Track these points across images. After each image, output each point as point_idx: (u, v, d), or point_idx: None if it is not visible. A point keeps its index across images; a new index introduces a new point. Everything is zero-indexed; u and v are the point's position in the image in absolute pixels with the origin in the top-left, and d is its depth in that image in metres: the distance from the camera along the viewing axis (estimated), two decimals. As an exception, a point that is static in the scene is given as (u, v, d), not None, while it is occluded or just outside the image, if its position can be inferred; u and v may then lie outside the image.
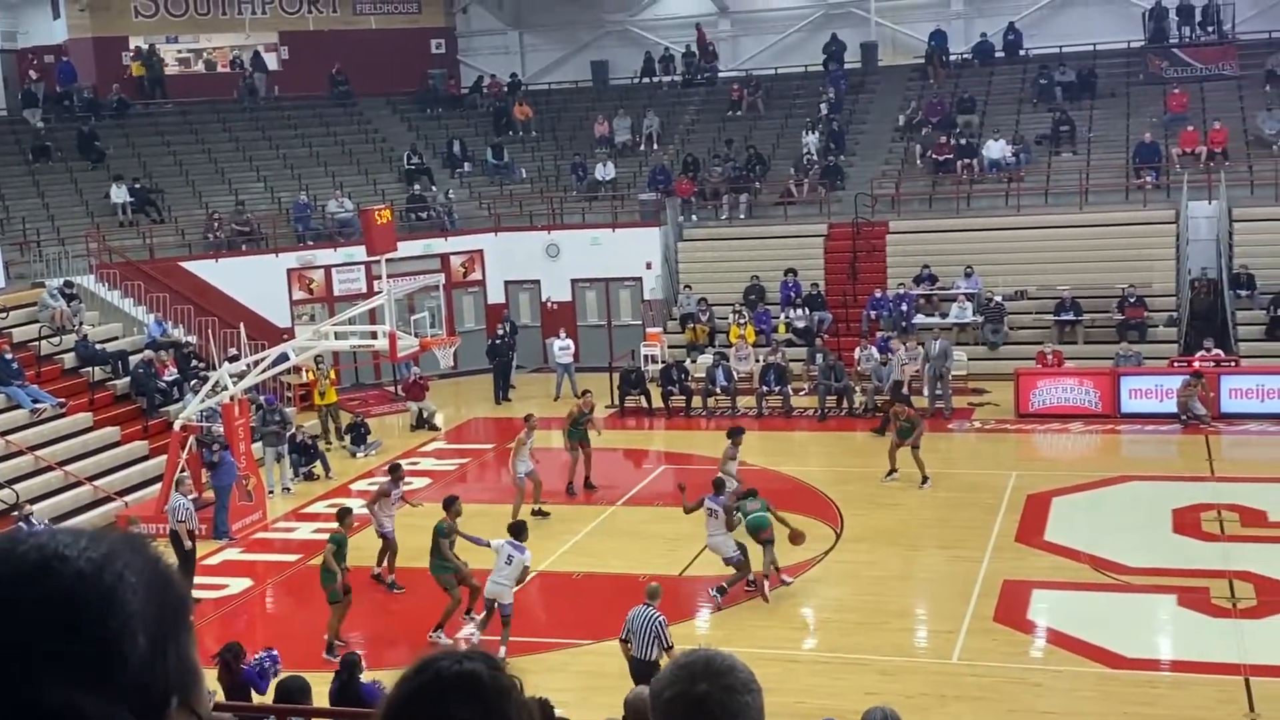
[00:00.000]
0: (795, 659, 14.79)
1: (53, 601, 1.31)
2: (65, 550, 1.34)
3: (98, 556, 1.35)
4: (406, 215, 32.19)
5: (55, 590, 1.31)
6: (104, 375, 25.16)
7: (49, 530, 1.39)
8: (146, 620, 1.34)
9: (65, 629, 1.30)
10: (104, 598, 1.32)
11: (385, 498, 18.27)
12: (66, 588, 1.32)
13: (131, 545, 1.40)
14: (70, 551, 1.34)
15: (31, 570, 1.32)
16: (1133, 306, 27.74)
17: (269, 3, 37.37)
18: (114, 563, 1.35)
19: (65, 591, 1.31)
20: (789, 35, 38.59)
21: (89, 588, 1.32)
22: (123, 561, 1.36)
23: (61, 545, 1.35)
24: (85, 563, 1.34)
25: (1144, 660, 14.58)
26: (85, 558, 1.34)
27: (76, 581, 1.32)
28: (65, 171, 32.30)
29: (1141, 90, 33.60)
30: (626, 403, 27.67)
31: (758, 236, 32.13)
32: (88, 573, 1.33)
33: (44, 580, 1.32)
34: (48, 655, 1.29)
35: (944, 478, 21.73)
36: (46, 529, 1.41)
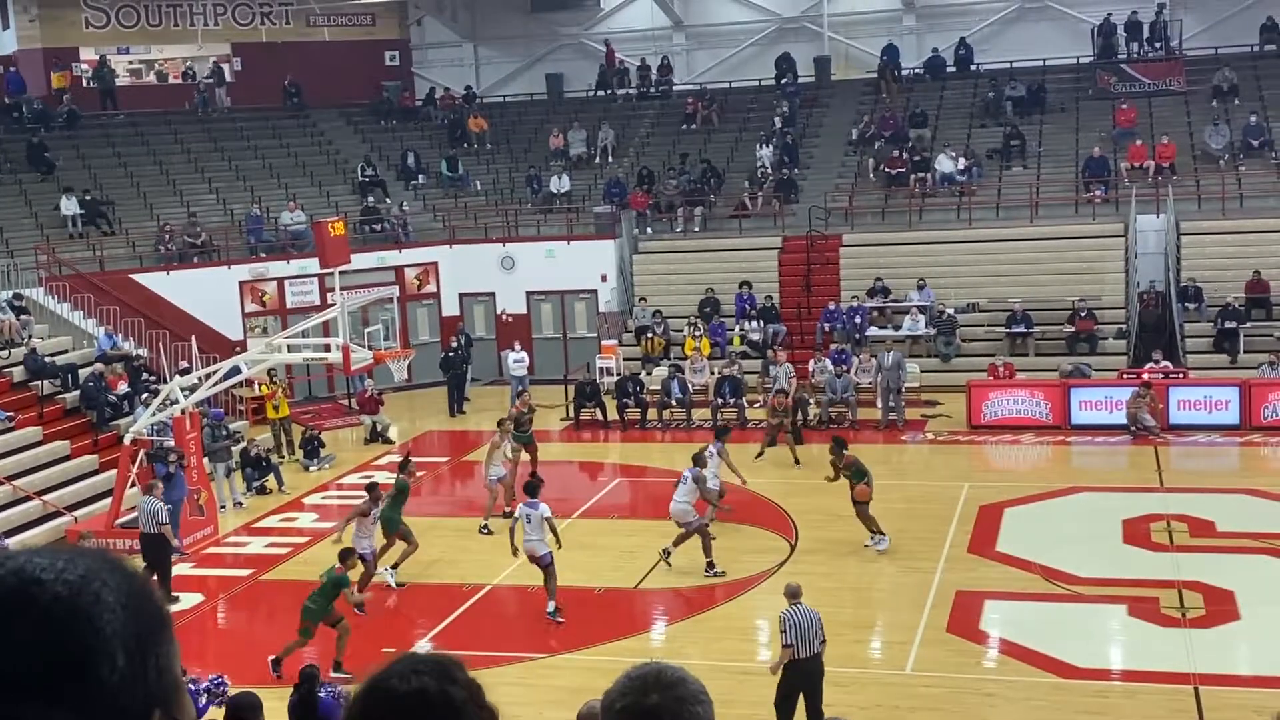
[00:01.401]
0: (749, 671, 14.79)
1: (30, 626, 1.32)
2: (41, 574, 1.36)
3: (74, 579, 1.36)
4: (360, 227, 32.06)
5: (33, 615, 1.33)
6: (53, 389, 24.87)
7: (26, 553, 1.40)
8: (125, 638, 1.36)
9: (43, 652, 1.32)
10: (81, 620, 1.34)
11: (364, 517, 18.07)
12: (44, 612, 1.33)
13: (109, 564, 1.42)
14: (47, 575, 1.36)
15: (8, 595, 1.34)
16: (1083, 319, 28.04)
17: (221, 14, 37.16)
18: (90, 584, 1.37)
19: (44, 614, 1.33)
20: (743, 49, 38.78)
21: (65, 611, 1.34)
22: (99, 581, 1.38)
23: (38, 569, 1.36)
24: (62, 586, 1.35)
25: (1095, 670, 14.71)
26: (62, 580, 1.36)
27: (53, 604, 1.34)
28: (14, 183, 31.94)
29: (1091, 105, 34.01)
30: (582, 415, 27.65)
31: (712, 249, 32.24)
32: (64, 596, 1.35)
33: (21, 605, 1.34)
34: (27, 678, 1.30)
35: (897, 489, 21.84)
36: (24, 551, 1.41)
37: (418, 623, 17.21)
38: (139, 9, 36.33)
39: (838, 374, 26.59)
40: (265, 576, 19.36)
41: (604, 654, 15.47)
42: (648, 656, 14.77)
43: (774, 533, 19.85)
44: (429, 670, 1.74)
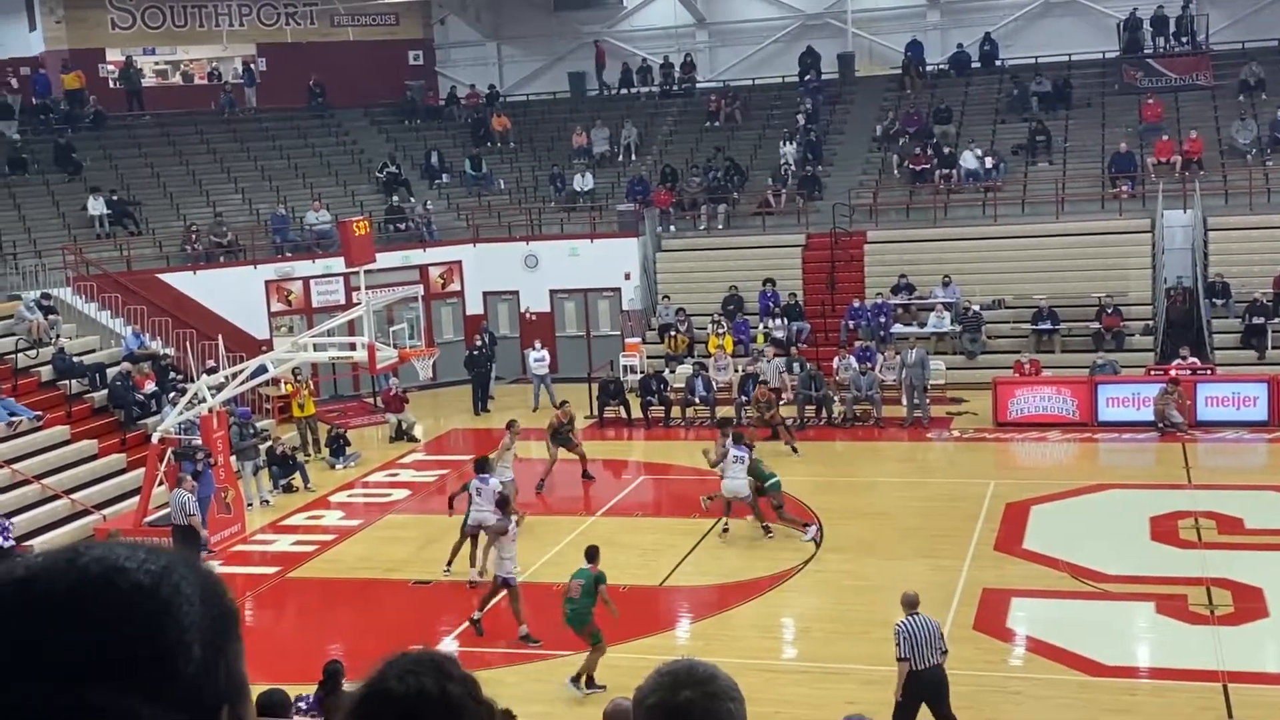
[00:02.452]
0: (775, 669, 14.79)
1: (114, 612, 1.34)
2: (125, 563, 1.38)
3: (156, 569, 1.38)
4: (385, 227, 32.15)
5: (116, 601, 1.35)
6: (81, 388, 25.04)
7: (106, 543, 1.42)
8: (201, 631, 1.38)
9: (125, 639, 1.34)
10: (162, 609, 1.36)
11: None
12: (127, 599, 1.35)
13: (185, 559, 1.44)
14: (130, 564, 1.38)
15: (94, 581, 1.36)
16: (1109, 315, 27.90)
17: (246, 15, 37.32)
18: (171, 575, 1.39)
19: (125, 602, 1.35)
20: (766, 46, 38.72)
21: (148, 599, 1.36)
22: (179, 574, 1.40)
23: (121, 558, 1.38)
24: (144, 575, 1.38)
25: (1122, 668, 14.63)
26: (144, 570, 1.38)
27: (136, 593, 1.36)
28: (42, 184, 32.15)
29: (1116, 100, 33.83)
30: (605, 413, 27.67)
31: (736, 247, 32.20)
32: (146, 585, 1.37)
33: (105, 591, 1.35)
34: (109, 664, 1.32)
35: (922, 486, 21.82)
36: (104, 542, 1.43)
37: (441, 620, 17.24)
38: (165, 10, 36.50)
39: (862, 371, 26.53)
40: (292, 574, 19.44)
41: (629, 651, 15.46)
42: (673, 654, 14.76)
43: (800, 531, 19.79)
44: (426, 669, 1.74)
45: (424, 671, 1.72)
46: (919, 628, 12.26)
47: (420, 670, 1.72)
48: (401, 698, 1.69)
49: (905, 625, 12.31)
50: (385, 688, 1.71)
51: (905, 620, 12.36)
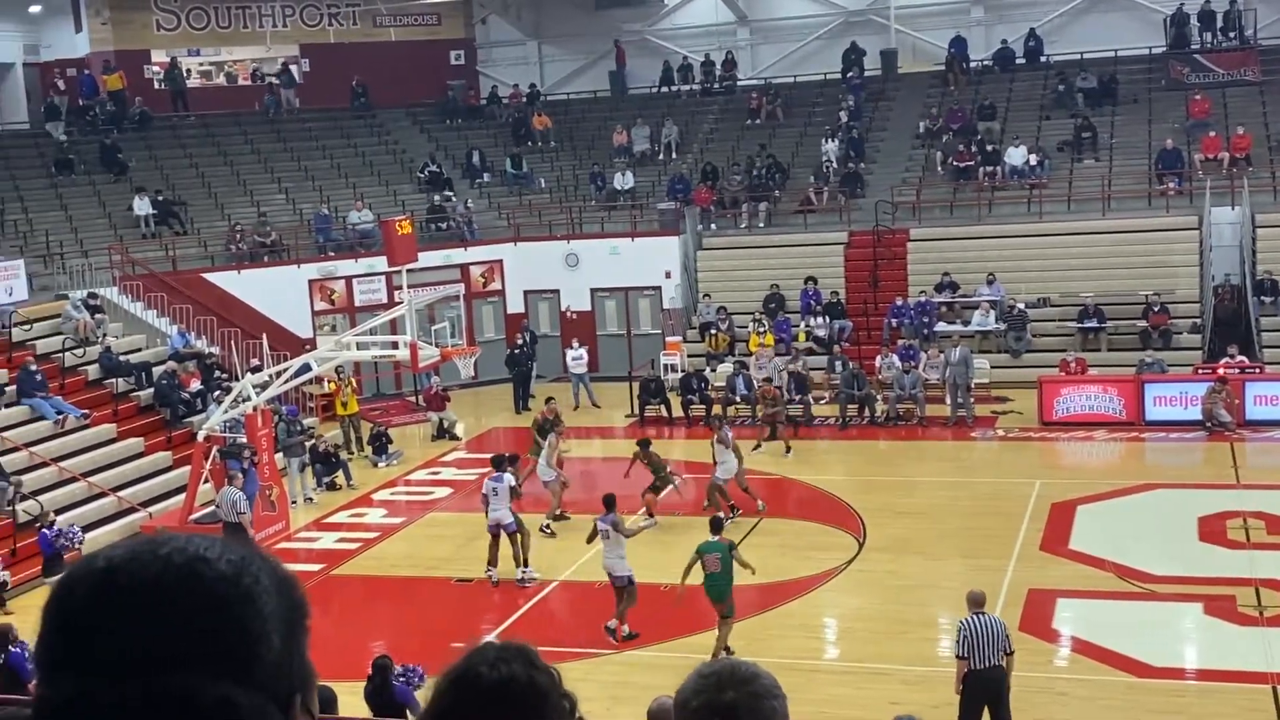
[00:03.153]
0: (818, 669, 14.73)
1: (200, 602, 1.36)
2: (207, 553, 1.40)
3: (236, 560, 1.40)
4: (426, 226, 32.26)
5: (202, 591, 1.37)
6: (127, 386, 25.27)
7: (183, 535, 1.44)
8: (278, 620, 1.41)
9: (213, 628, 1.36)
10: (244, 598, 1.38)
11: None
12: (212, 589, 1.37)
13: (258, 550, 1.47)
14: (211, 554, 1.40)
15: (178, 571, 1.37)
16: (1156, 313, 27.61)
17: (290, 15, 37.55)
18: (250, 566, 1.41)
19: (211, 592, 1.37)
20: (808, 43, 38.58)
21: (231, 588, 1.38)
22: (257, 565, 1.42)
23: (202, 548, 1.40)
24: (225, 565, 1.40)
25: (1170, 669, 14.49)
26: (225, 560, 1.40)
27: (220, 583, 1.38)
28: (88, 184, 32.47)
29: (1163, 96, 33.48)
30: (646, 412, 27.64)
31: (777, 245, 32.09)
32: (229, 575, 1.39)
33: (191, 582, 1.37)
34: (199, 653, 1.34)
35: (966, 486, 21.67)
36: (181, 534, 1.45)
37: (484, 618, 17.27)
38: (209, 11, 36.79)
39: (905, 370, 26.37)
40: (335, 571, 19.54)
41: (672, 650, 15.45)
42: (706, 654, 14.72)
43: (842, 529, 19.72)
44: (515, 658, 1.75)
45: (513, 659, 1.75)
46: (982, 627, 12.09)
47: (510, 658, 1.76)
48: (493, 684, 1.72)
49: (967, 624, 12.16)
50: (476, 674, 1.74)
51: (968, 618, 12.22)
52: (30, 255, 28.49)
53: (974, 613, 12.28)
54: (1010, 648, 12.21)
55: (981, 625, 12.11)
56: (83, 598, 1.37)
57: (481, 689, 1.70)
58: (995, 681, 12.10)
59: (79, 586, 1.39)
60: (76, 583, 1.39)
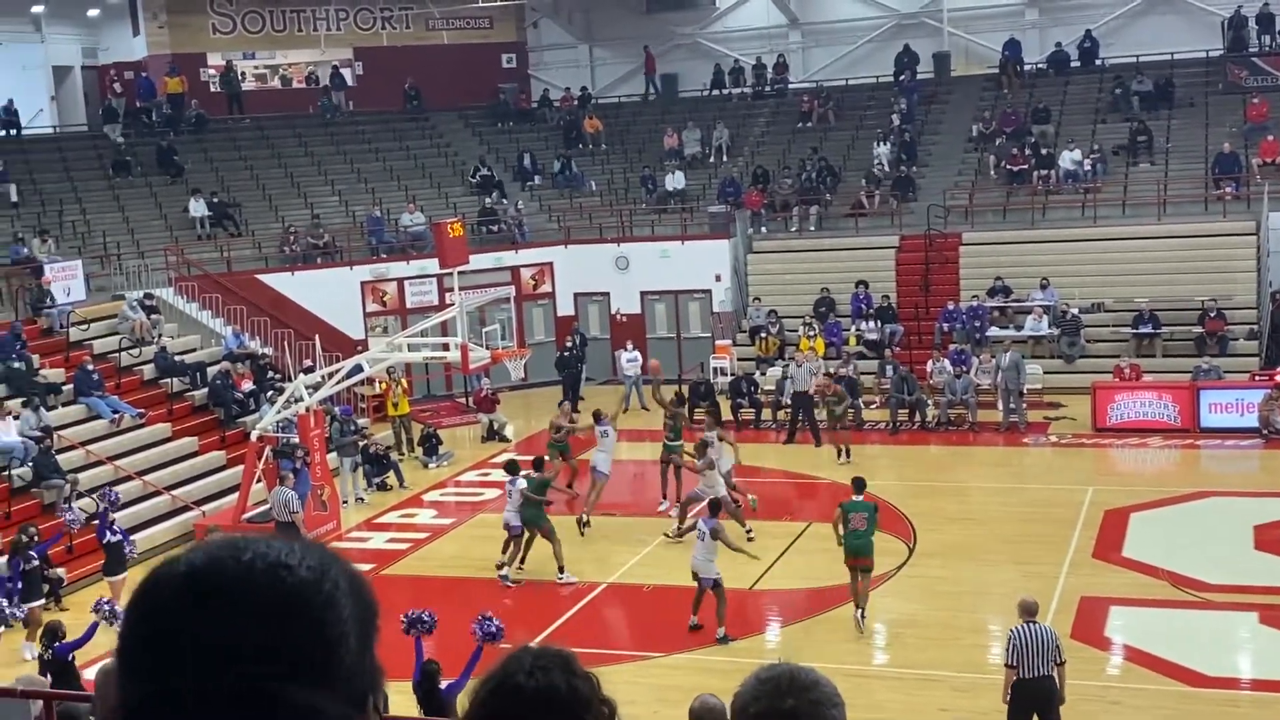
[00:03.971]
0: (867, 674, 14.66)
1: (285, 607, 1.38)
2: (288, 558, 1.41)
3: (316, 564, 1.42)
4: (478, 228, 32.40)
5: (286, 596, 1.38)
6: (182, 386, 25.54)
7: (260, 539, 1.45)
8: (356, 624, 1.42)
9: (295, 633, 1.37)
10: (326, 604, 1.40)
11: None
12: (296, 594, 1.39)
13: (331, 553, 1.47)
14: (292, 560, 1.41)
15: (262, 577, 1.39)
16: (1212, 319, 27.28)
17: (344, 19, 37.85)
18: (330, 570, 1.42)
19: (295, 598, 1.39)
20: (860, 46, 38.43)
21: (314, 593, 1.40)
22: (335, 569, 1.43)
23: (283, 553, 1.42)
24: (307, 571, 1.41)
25: (1225, 679, 14.31)
26: (306, 566, 1.41)
27: (303, 588, 1.39)
28: (145, 186, 32.86)
29: (1220, 100, 33.06)
30: (695, 415, 27.57)
31: (828, 248, 31.97)
32: (310, 581, 1.40)
33: (274, 587, 1.39)
34: (282, 657, 1.36)
35: (1017, 492, 21.48)
36: (259, 537, 1.46)
37: (532, 620, 17.31)
38: (264, 15, 37.15)
39: (956, 375, 26.19)
40: (385, 571, 19.65)
41: (719, 654, 15.43)
42: (764, 658, 14.68)
43: (892, 535, 19.59)
44: (554, 665, 1.74)
45: (552, 667, 1.74)
46: (1032, 636, 11.95)
47: (549, 666, 1.74)
48: (533, 693, 1.70)
49: (1018, 632, 12.03)
50: (515, 683, 1.73)
51: (1019, 627, 12.08)
52: (88, 256, 28.86)
53: (1025, 621, 12.14)
54: (1061, 658, 12.05)
55: (1032, 634, 11.99)
56: (167, 600, 1.39)
57: (522, 699, 1.70)
58: (1044, 691, 11.96)
59: (163, 589, 1.40)
60: (161, 585, 1.41)
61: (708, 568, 15.88)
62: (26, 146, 32.86)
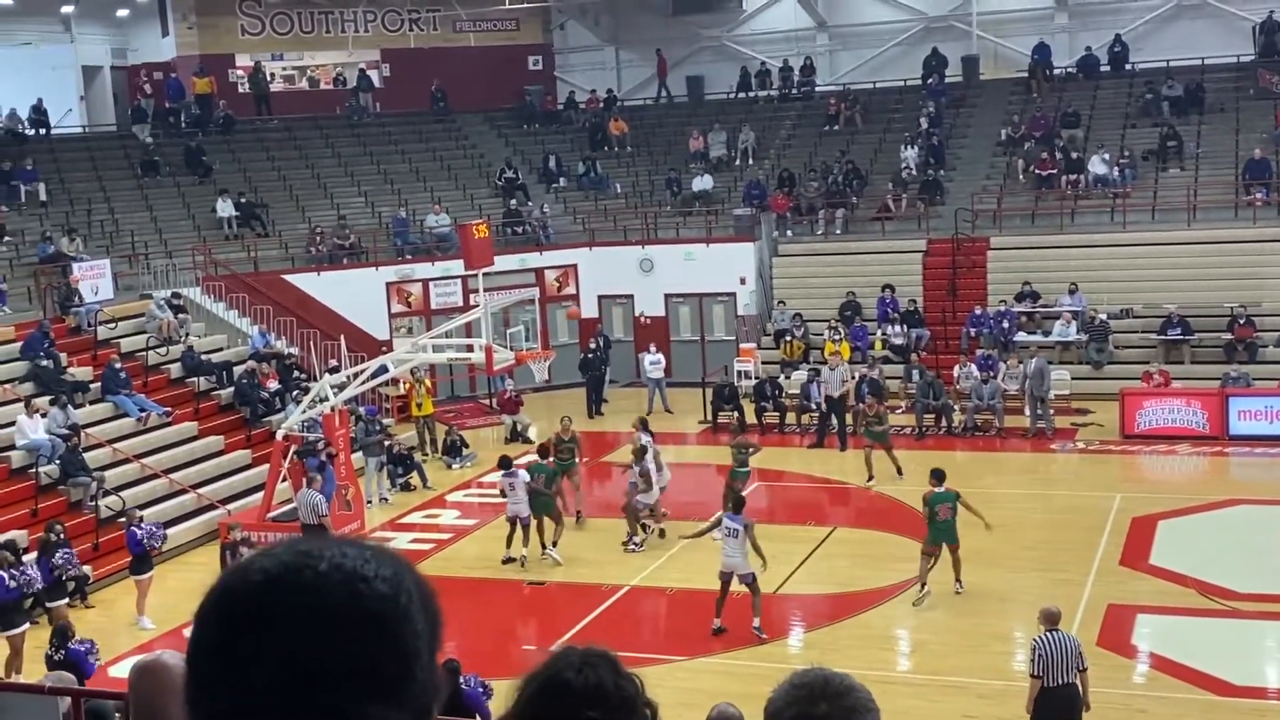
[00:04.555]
0: (891, 680, 14.57)
1: (363, 624, 1.35)
2: (364, 569, 1.38)
3: (390, 576, 1.39)
4: (503, 230, 32.43)
5: (365, 613, 1.35)
6: (209, 385, 25.64)
7: (332, 546, 1.41)
8: (426, 636, 1.41)
9: (375, 651, 1.34)
10: (402, 618, 1.37)
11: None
12: (374, 610, 1.36)
13: (403, 561, 1.45)
14: (368, 571, 1.38)
15: (339, 591, 1.36)
16: (1242, 326, 27.06)
17: (371, 21, 37.96)
18: (404, 582, 1.40)
19: (374, 613, 1.36)
20: (888, 49, 38.31)
21: (391, 608, 1.37)
22: (408, 580, 1.41)
23: (358, 564, 1.38)
24: (383, 584, 1.38)
25: (1252, 688, 14.18)
26: (381, 578, 1.38)
27: (381, 603, 1.37)
28: (173, 186, 33.01)
29: (1251, 105, 32.82)
30: (719, 418, 27.56)
31: (854, 252, 31.87)
32: (388, 595, 1.37)
33: (351, 601, 1.35)
34: (357, 674, 1.33)
35: (1043, 499, 21.36)
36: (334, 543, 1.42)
37: (557, 621, 17.30)
38: (293, 17, 37.28)
39: (983, 380, 26.05)
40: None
41: (743, 658, 15.39)
42: (789, 663, 14.63)
43: (916, 541, 19.48)
44: (602, 664, 1.74)
45: (600, 665, 1.73)
46: (1056, 644, 11.88)
47: (597, 664, 1.74)
48: (581, 690, 1.69)
49: (1042, 641, 11.95)
50: (564, 679, 1.72)
51: (1043, 635, 12.00)
52: (116, 255, 29.00)
53: (1048, 629, 12.07)
54: (1084, 664, 11.99)
55: (1056, 642, 11.92)
56: (241, 613, 1.35)
57: (571, 695, 1.68)
58: (1069, 699, 11.90)
59: (237, 600, 1.36)
60: (235, 596, 1.37)
61: (745, 563, 15.79)
62: (56, 146, 33.07)
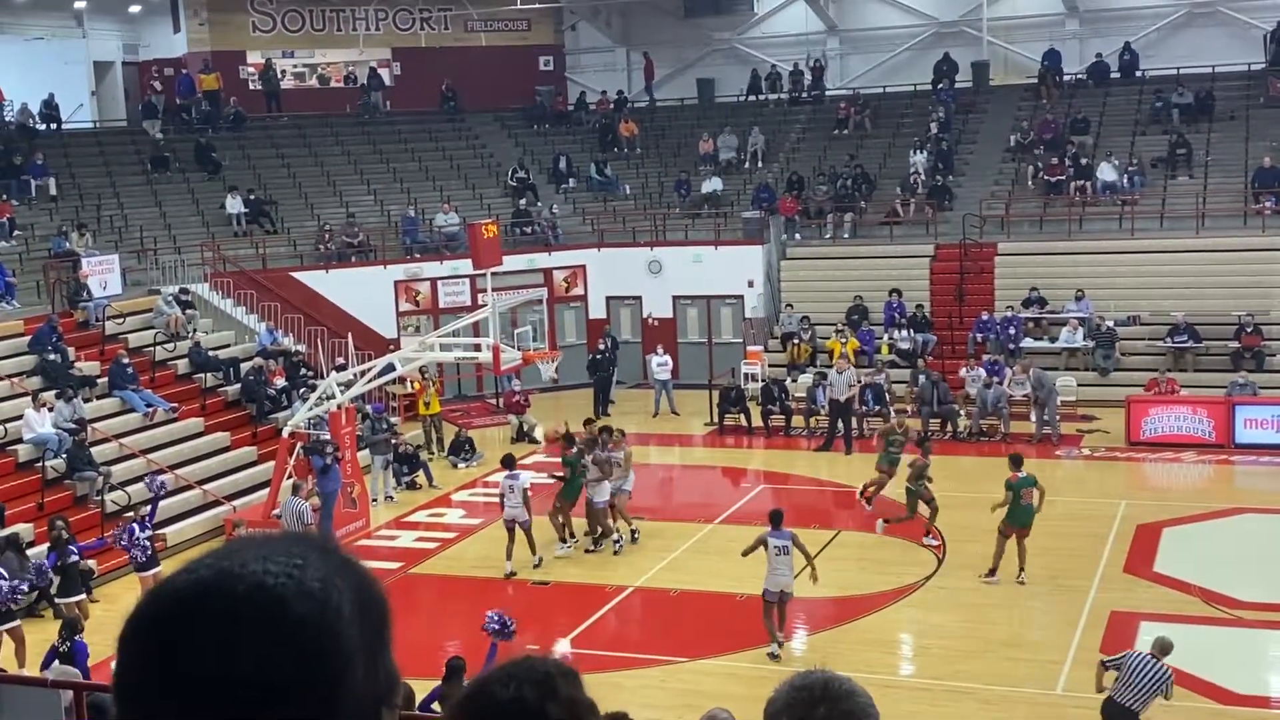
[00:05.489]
0: (895, 685, 14.57)
1: (282, 641, 1.31)
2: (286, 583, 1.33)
3: (317, 588, 1.34)
4: (512, 230, 32.46)
5: (284, 630, 1.31)
6: (216, 381, 25.68)
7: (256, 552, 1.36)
8: (362, 644, 1.35)
9: (296, 667, 1.30)
10: (329, 634, 1.33)
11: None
12: (295, 627, 1.31)
13: (339, 563, 1.40)
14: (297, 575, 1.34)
15: (257, 608, 1.32)
16: (1249, 334, 27.03)
17: (383, 19, 38.02)
18: (331, 593, 1.35)
19: (294, 631, 1.31)
20: (899, 54, 38.30)
21: (314, 624, 1.32)
22: (337, 590, 1.36)
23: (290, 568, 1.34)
24: (307, 597, 1.33)
25: (1255, 697, 14.19)
26: (306, 591, 1.33)
27: (304, 619, 1.32)
28: (183, 182, 33.07)
29: (1261, 113, 32.76)
30: (726, 420, 27.57)
31: (862, 256, 31.88)
32: (313, 609, 1.33)
33: (275, 608, 1.32)
34: (282, 683, 1.29)
35: (1050, 505, 21.29)
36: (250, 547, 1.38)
37: (560, 621, 17.31)
38: (304, 14, 37.35)
39: (987, 385, 26.03)
40: (414, 570, 19.70)
41: (744, 660, 15.39)
42: (790, 665, 14.64)
43: (921, 545, 19.51)
44: (532, 681, 1.70)
45: (530, 683, 1.69)
46: (1148, 670, 11.81)
47: (526, 680, 1.70)
48: (502, 704, 1.67)
49: (1140, 658, 11.94)
50: (489, 690, 1.70)
51: (1146, 655, 11.97)
52: (125, 250, 29.07)
53: (1153, 654, 12.01)
54: (1157, 698, 11.88)
55: (1149, 668, 11.84)
56: (161, 621, 1.32)
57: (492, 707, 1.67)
58: (1122, 716, 11.90)
59: (159, 607, 1.33)
60: (158, 603, 1.34)
61: (791, 581, 15.32)
62: (66, 141, 33.13)
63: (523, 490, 18.91)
